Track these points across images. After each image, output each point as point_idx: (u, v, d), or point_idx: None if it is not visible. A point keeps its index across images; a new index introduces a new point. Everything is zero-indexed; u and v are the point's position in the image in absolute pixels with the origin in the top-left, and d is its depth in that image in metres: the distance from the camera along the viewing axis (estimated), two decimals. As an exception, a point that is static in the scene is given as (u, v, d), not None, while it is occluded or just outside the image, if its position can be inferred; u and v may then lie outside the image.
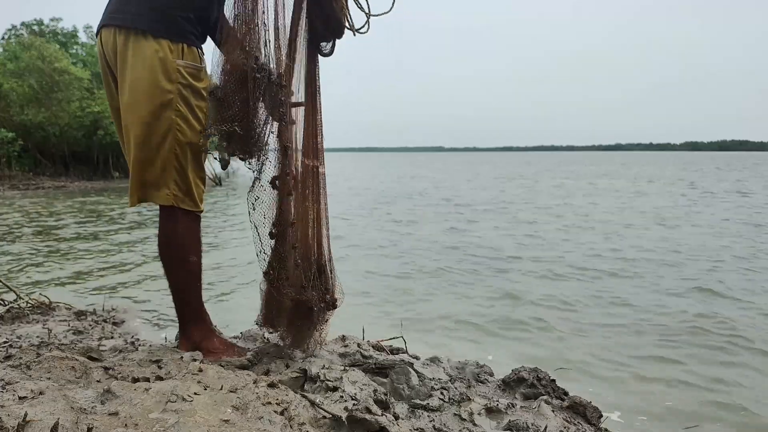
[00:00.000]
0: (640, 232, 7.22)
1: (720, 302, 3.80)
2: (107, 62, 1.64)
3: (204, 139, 1.56)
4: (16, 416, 1.10)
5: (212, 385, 1.42)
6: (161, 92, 1.53)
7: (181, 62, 1.55)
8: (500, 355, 2.75)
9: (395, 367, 1.82)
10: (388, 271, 4.76)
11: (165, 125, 1.55)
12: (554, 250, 5.84)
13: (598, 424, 1.71)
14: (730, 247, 5.96)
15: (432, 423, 1.54)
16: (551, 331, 3.18)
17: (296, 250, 1.68)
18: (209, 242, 6.25)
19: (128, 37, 1.53)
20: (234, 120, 1.46)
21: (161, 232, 1.67)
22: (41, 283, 4.23)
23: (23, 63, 18.32)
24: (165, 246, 1.68)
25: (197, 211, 1.70)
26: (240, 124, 1.46)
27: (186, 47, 1.57)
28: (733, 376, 2.55)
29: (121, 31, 1.54)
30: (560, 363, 2.62)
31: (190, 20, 1.57)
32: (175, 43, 1.54)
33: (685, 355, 2.79)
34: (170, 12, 1.53)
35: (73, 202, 11.77)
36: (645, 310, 3.57)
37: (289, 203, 1.67)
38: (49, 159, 20.23)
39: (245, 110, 1.48)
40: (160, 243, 1.69)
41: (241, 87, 1.46)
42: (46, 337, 2.31)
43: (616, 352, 2.84)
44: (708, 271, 4.80)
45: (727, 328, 3.20)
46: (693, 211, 9.74)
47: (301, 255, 1.72)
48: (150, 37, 1.51)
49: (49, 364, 1.50)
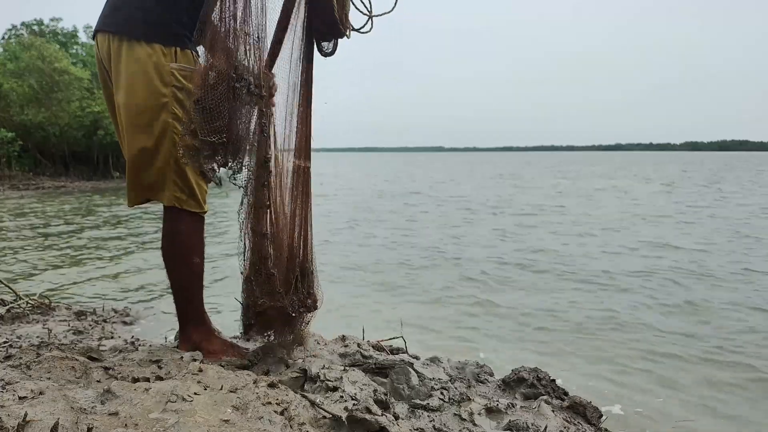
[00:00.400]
0: (630, 231, 7.24)
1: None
2: (104, 66, 1.66)
3: (184, 151, 1.51)
4: (16, 416, 1.10)
5: (212, 385, 1.42)
6: (156, 96, 1.54)
7: (175, 65, 1.55)
8: (500, 354, 2.76)
9: (395, 367, 1.81)
10: (390, 271, 4.76)
11: (161, 128, 1.56)
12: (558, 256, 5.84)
13: (598, 424, 1.71)
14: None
15: (432, 423, 1.54)
16: (551, 331, 3.18)
17: (270, 260, 1.66)
18: (209, 240, 6.25)
19: (122, 43, 1.54)
20: (222, 131, 1.44)
21: (165, 232, 1.68)
22: (43, 282, 4.23)
23: (23, 63, 18.33)
24: (169, 246, 1.70)
25: (201, 212, 1.70)
26: (227, 135, 1.46)
27: (179, 50, 1.58)
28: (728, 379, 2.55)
29: (115, 37, 1.56)
30: (560, 362, 2.62)
31: (183, 23, 1.57)
32: (168, 47, 1.55)
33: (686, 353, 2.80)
34: (162, 16, 1.53)
35: (78, 203, 11.76)
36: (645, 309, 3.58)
37: (264, 214, 1.64)
38: (49, 159, 20.24)
39: (232, 120, 1.46)
40: (163, 243, 1.70)
41: (227, 96, 1.44)
42: (46, 337, 2.31)
43: (616, 351, 2.85)
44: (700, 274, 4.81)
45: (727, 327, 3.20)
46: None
47: (282, 262, 1.70)
48: (143, 43, 1.52)
49: (49, 364, 1.50)
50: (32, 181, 17.01)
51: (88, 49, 23.00)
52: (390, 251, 5.84)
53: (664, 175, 23.45)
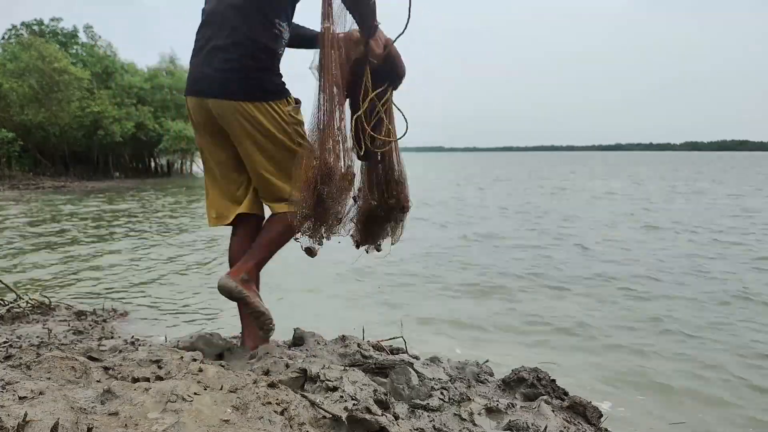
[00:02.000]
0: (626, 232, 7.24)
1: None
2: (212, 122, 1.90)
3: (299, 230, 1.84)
4: (16, 416, 1.10)
5: (212, 385, 1.42)
6: (287, 136, 1.87)
7: (288, 108, 1.88)
8: (500, 354, 2.76)
9: (395, 367, 1.82)
10: (390, 270, 4.76)
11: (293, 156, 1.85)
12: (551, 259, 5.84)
13: (598, 424, 1.71)
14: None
15: (432, 423, 1.54)
16: (551, 332, 3.18)
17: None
18: (210, 240, 6.27)
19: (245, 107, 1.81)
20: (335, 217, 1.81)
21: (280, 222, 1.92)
22: (43, 281, 4.23)
23: (23, 63, 18.33)
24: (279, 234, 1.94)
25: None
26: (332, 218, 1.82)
27: (287, 98, 1.89)
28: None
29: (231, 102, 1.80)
30: (560, 361, 2.62)
31: (279, 74, 1.89)
32: (280, 99, 1.87)
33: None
34: (267, 76, 1.84)
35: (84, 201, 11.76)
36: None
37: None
38: (49, 159, 20.25)
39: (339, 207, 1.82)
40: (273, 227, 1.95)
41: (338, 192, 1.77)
42: (46, 337, 2.31)
43: (615, 351, 2.85)
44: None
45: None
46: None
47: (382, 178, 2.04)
48: (264, 104, 1.82)
49: (49, 364, 1.50)
50: (32, 181, 17.01)
51: (87, 49, 23.00)
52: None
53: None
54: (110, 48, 23.99)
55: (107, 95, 20.26)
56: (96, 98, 19.66)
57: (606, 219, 8.69)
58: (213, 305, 3.55)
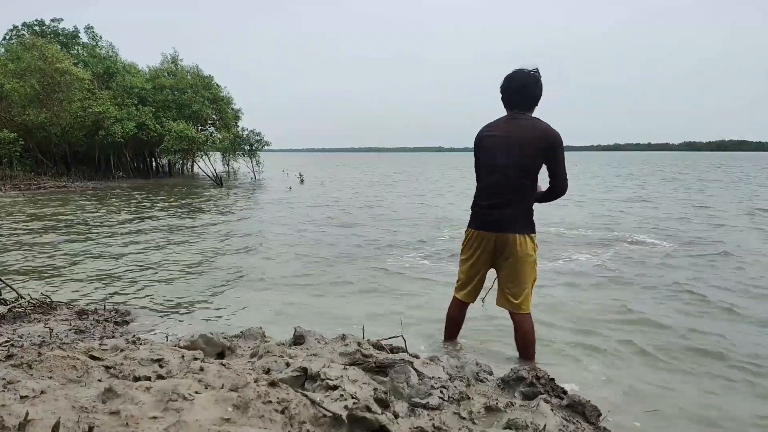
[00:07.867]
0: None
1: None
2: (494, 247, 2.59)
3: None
4: (17, 415, 1.10)
5: (213, 383, 1.43)
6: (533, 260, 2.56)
7: (535, 236, 2.58)
8: (500, 354, 2.76)
9: (395, 365, 1.82)
10: (389, 270, 4.76)
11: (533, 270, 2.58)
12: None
13: (596, 422, 1.71)
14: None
15: (432, 421, 1.54)
16: (550, 333, 3.18)
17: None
18: (210, 240, 6.27)
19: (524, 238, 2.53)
20: None
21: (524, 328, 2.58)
22: (44, 281, 4.24)
23: (25, 63, 18.34)
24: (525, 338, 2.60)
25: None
26: None
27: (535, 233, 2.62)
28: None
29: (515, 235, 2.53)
30: (559, 361, 2.62)
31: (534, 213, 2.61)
32: (534, 232, 2.58)
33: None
34: (532, 215, 2.58)
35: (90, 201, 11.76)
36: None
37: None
38: (51, 159, 20.27)
39: None
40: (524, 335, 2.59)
41: None
42: (48, 337, 2.32)
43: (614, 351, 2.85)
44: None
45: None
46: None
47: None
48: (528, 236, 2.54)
49: (51, 363, 1.50)
50: (34, 181, 17.01)
51: (89, 50, 23.03)
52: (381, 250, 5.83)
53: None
54: (112, 49, 24.06)
55: (108, 95, 20.29)
56: (97, 98, 19.67)
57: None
58: (214, 305, 3.56)
